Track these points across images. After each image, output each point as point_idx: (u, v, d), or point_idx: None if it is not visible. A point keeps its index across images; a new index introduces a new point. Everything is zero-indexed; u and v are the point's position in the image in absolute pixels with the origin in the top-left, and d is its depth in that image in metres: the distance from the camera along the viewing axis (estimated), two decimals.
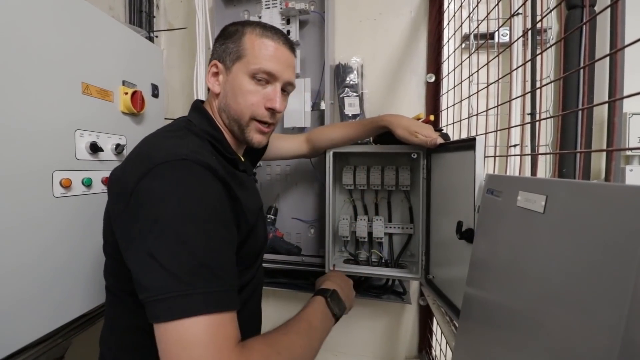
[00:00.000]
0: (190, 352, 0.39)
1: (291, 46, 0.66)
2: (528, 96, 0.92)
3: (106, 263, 0.61)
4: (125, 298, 0.55)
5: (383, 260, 1.04)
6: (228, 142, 0.64)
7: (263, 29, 0.63)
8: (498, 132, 0.89)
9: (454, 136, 0.99)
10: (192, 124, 0.61)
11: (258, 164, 0.93)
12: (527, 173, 0.89)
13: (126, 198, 0.47)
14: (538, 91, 0.81)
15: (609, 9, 0.42)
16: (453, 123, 0.98)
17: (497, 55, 0.75)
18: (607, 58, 0.78)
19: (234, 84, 0.62)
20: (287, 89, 0.67)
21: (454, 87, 0.98)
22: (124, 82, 0.89)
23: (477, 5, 0.83)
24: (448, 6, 1.04)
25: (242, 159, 0.68)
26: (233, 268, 0.47)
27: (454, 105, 0.98)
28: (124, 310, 0.56)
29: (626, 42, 0.38)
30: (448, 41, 1.05)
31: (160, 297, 0.40)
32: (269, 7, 1.08)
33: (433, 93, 1.15)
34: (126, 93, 0.88)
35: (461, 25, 0.98)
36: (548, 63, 1.01)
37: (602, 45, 0.91)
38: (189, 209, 0.44)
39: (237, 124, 0.64)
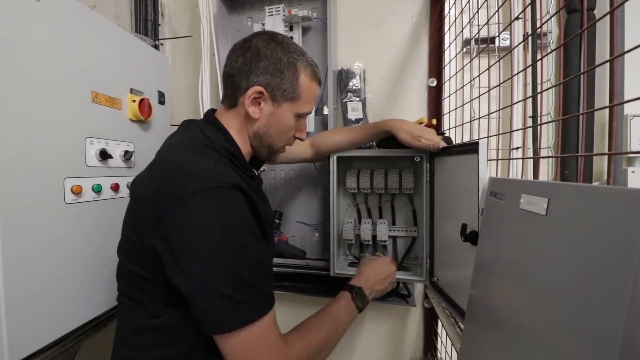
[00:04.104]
0: (251, 354, 0.50)
1: (321, 82, 0.70)
2: (529, 99, 0.93)
3: (124, 273, 0.62)
4: (145, 302, 0.57)
5: None
6: (244, 158, 0.66)
7: (312, 70, 0.66)
8: (500, 136, 0.90)
9: (456, 140, 1.00)
10: (210, 140, 0.61)
11: (262, 169, 0.94)
12: (530, 175, 0.90)
13: (155, 220, 0.51)
14: (539, 95, 0.82)
15: (606, 14, 0.43)
16: (455, 127, 0.99)
17: (499, 60, 0.76)
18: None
19: (282, 120, 0.65)
20: None
21: (455, 91, 0.99)
22: (131, 90, 0.91)
23: (477, 11, 0.84)
24: (449, 11, 1.06)
25: (256, 173, 0.69)
26: (269, 273, 0.55)
27: (455, 109, 0.99)
28: (146, 313, 0.57)
29: (627, 45, 0.39)
30: (449, 46, 1.06)
31: (218, 315, 0.49)
32: (272, 15, 1.10)
33: (435, 97, 1.16)
34: (134, 101, 0.90)
35: (462, 30, 1.00)
36: (549, 66, 1.02)
37: (603, 47, 0.92)
38: (229, 237, 0.50)
39: (269, 148, 0.69)
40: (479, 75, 0.84)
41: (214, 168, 0.54)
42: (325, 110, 1.12)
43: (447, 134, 0.88)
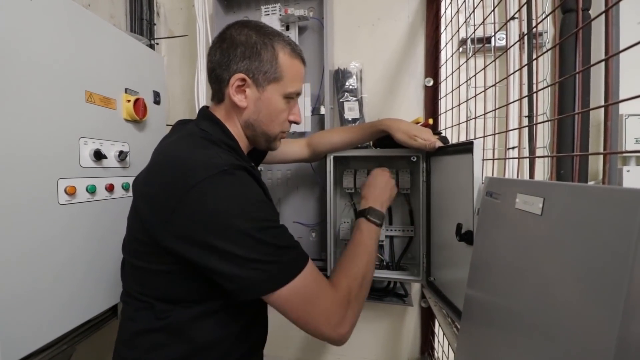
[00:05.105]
0: (309, 302, 0.53)
1: (304, 60, 0.69)
2: (525, 99, 0.94)
3: (131, 271, 0.61)
4: (155, 304, 0.57)
5: (384, 263, 1.04)
6: (242, 151, 0.66)
7: (291, 48, 0.65)
8: (496, 135, 0.90)
9: (452, 139, 1.00)
10: (207, 134, 0.61)
11: (259, 168, 0.94)
12: (526, 175, 0.90)
13: (167, 214, 0.51)
14: (535, 94, 0.83)
15: (601, 13, 0.43)
16: (452, 126, 1.00)
17: (494, 60, 0.77)
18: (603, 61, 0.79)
19: (270, 103, 0.64)
20: None
21: (452, 91, 0.99)
22: (126, 90, 0.90)
23: (473, 10, 0.84)
24: (445, 11, 1.06)
25: (254, 165, 0.69)
26: (290, 233, 0.58)
27: (452, 108, 0.99)
28: (152, 314, 0.57)
29: (622, 45, 0.39)
30: (445, 46, 1.06)
31: (263, 277, 0.51)
32: (268, 14, 1.10)
33: (431, 97, 1.16)
34: (129, 100, 0.89)
35: (458, 30, 1.00)
36: (544, 66, 1.03)
37: (598, 47, 0.92)
38: (248, 211, 0.51)
39: (266, 136, 0.68)
40: (475, 75, 0.84)
41: (216, 155, 0.55)
42: (322, 110, 1.12)
43: (443, 134, 0.88)
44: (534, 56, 0.92)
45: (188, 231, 0.50)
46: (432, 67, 1.15)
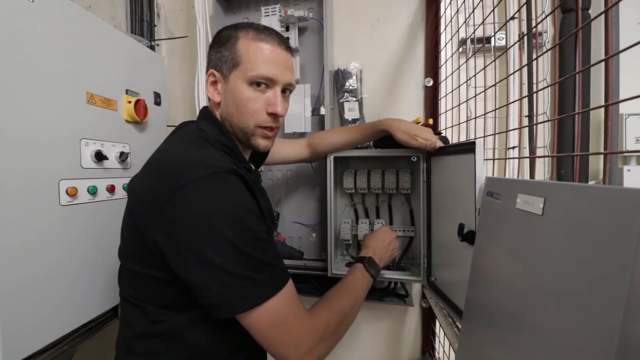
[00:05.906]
0: (280, 327, 0.50)
1: (287, 46, 0.65)
2: (525, 99, 0.94)
3: (125, 275, 0.61)
4: (147, 308, 0.56)
5: None
6: (240, 151, 0.66)
7: (256, 32, 0.61)
8: (496, 135, 0.90)
9: (452, 139, 1.00)
10: (205, 134, 0.61)
11: (260, 169, 0.94)
12: (526, 174, 0.90)
13: (156, 213, 0.50)
14: (535, 94, 0.83)
15: (601, 13, 0.43)
16: (452, 126, 1.00)
17: (494, 60, 0.77)
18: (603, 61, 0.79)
19: (234, 92, 0.62)
20: (287, 90, 0.66)
21: (452, 91, 0.99)
22: (127, 91, 0.91)
23: (473, 11, 0.84)
24: (445, 11, 1.06)
25: (253, 167, 0.69)
26: (276, 250, 0.56)
27: (452, 108, 0.99)
28: (146, 318, 0.56)
29: (621, 45, 0.39)
30: (445, 46, 1.06)
31: (238, 294, 0.48)
32: (268, 15, 1.10)
33: (431, 97, 1.16)
34: (129, 102, 0.89)
35: (458, 30, 1.00)
36: (544, 66, 1.03)
37: (598, 47, 0.92)
38: (234, 219, 0.50)
39: (242, 131, 0.64)
40: (475, 75, 0.84)
41: (210, 156, 0.54)
42: (322, 111, 1.12)
43: (443, 134, 0.88)
44: (534, 56, 0.92)
45: (172, 231, 0.49)
46: (432, 67, 1.15)
